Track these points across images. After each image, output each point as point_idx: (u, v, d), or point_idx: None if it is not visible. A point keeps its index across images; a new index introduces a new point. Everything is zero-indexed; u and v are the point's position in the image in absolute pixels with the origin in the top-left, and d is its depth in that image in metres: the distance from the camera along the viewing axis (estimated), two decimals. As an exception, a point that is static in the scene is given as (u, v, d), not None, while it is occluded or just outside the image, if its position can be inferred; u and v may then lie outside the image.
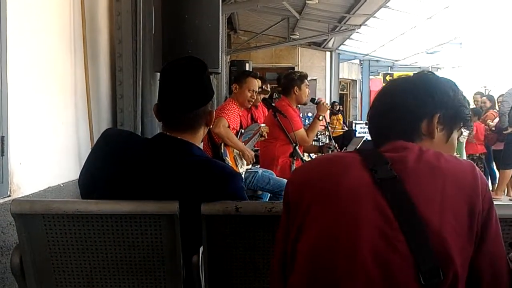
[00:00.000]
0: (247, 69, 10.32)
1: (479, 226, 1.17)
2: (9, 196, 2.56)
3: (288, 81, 4.58)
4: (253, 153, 4.20)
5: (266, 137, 4.40)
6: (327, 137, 8.39)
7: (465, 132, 6.80)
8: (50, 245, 1.63)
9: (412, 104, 1.32)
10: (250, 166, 4.39)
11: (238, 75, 4.82)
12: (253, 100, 4.43)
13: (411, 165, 1.22)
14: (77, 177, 1.80)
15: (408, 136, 1.31)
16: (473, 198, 1.17)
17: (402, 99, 1.34)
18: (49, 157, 3.03)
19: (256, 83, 4.40)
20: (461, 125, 1.38)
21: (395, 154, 1.25)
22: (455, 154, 1.38)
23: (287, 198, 1.32)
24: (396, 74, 20.81)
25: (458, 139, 1.41)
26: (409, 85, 1.37)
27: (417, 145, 1.29)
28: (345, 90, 19.12)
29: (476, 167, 1.24)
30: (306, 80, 4.61)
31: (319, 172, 1.29)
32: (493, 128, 7.89)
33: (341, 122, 14.18)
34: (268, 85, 6.45)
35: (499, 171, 7.83)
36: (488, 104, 8.63)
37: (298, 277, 1.23)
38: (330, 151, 4.74)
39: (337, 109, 15.05)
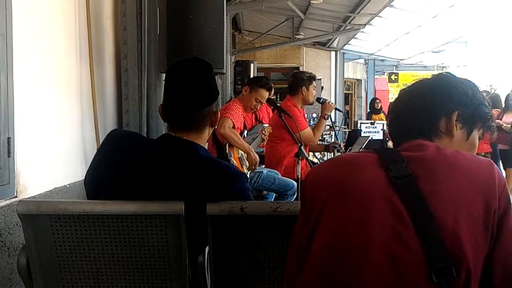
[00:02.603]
0: (251, 69, 10.32)
1: (495, 224, 1.17)
2: (16, 197, 2.57)
3: (297, 81, 4.59)
4: (258, 158, 4.19)
5: (267, 138, 4.40)
6: (332, 136, 8.38)
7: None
8: (57, 245, 1.64)
9: (430, 103, 1.34)
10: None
11: (254, 79, 4.73)
12: (256, 110, 4.46)
13: (427, 163, 1.22)
14: (83, 178, 1.81)
15: (426, 134, 1.32)
16: (489, 196, 1.17)
17: (419, 99, 1.36)
18: (55, 158, 3.04)
19: (266, 96, 4.40)
20: (482, 125, 1.39)
21: (412, 152, 1.26)
22: None
23: (303, 196, 1.33)
24: (401, 74, 20.77)
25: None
26: (426, 86, 1.39)
27: (435, 143, 1.30)
28: (350, 89, 19.06)
29: (495, 165, 1.23)
30: (314, 82, 4.64)
31: (334, 171, 1.30)
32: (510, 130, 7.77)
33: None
34: (272, 85, 6.43)
35: (505, 170, 7.80)
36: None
37: (309, 275, 1.23)
38: (336, 151, 4.76)
39: (379, 107, 13.55)
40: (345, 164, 1.31)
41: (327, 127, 7.75)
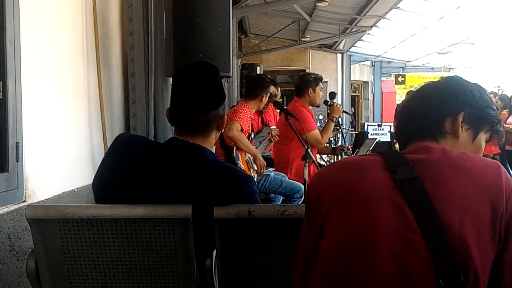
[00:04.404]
0: (258, 72, 10.34)
1: (502, 227, 1.15)
2: (24, 201, 2.58)
3: (303, 83, 4.58)
4: (264, 162, 4.18)
5: (277, 138, 4.38)
6: (339, 139, 8.35)
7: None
8: (65, 249, 1.64)
9: (436, 103, 1.33)
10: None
11: (261, 84, 4.49)
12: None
13: (433, 166, 1.21)
14: (91, 182, 1.81)
15: (432, 135, 1.32)
16: (496, 199, 1.15)
17: (426, 100, 1.36)
18: (63, 163, 3.05)
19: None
20: (489, 128, 1.38)
21: (418, 155, 1.25)
22: None
23: (308, 200, 1.32)
24: (408, 75, 20.71)
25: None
26: (433, 88, 1.39)
27: (440, 145, 1.29)
28: (357, 92, 19.04)
29: (502, 167, 1.22)
30: (320, 83, 4.62)
31: (340, 174, 1.29)
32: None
33: None
34: (279, 88, 6.44)
35: (513, 171, 7.75)
36: (501, 104, 8.50)
37: (317, 278, 1.23)
38: (343, 153, 4.74)
39: None
40: (350, 167, 1.30)
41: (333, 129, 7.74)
